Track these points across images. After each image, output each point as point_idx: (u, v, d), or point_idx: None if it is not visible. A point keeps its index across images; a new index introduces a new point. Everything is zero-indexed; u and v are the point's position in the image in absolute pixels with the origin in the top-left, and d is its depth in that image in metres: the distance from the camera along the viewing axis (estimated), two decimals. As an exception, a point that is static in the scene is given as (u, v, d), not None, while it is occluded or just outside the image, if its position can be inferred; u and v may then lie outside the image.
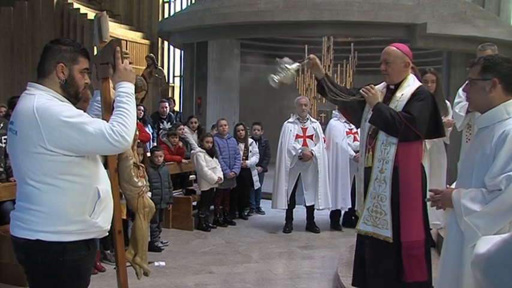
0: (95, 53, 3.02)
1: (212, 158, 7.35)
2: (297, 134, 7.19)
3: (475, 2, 11.36)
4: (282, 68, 3.91)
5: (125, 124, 2.45)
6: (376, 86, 4.05)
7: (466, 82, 2.75)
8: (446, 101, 5.92)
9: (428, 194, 2.87)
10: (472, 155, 2.66)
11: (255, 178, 8.12)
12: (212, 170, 7.26)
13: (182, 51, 14.09)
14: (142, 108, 8.81)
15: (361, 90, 3.96)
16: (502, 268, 1.40)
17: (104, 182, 2.60)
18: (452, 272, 2.62)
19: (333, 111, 7.83)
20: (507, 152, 2.44)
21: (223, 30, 10.66)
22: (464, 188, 2.62)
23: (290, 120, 7.34)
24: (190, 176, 8.42)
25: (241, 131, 8.17)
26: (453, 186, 2.84)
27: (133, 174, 4.71)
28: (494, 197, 2.45)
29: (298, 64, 3.95)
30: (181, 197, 7.46)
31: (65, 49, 2.54)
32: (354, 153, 7.19)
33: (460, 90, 5.66)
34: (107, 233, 2.66)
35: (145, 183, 5.00)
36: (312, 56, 4.07)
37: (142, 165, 5.10)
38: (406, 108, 3.82)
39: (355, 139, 7.28)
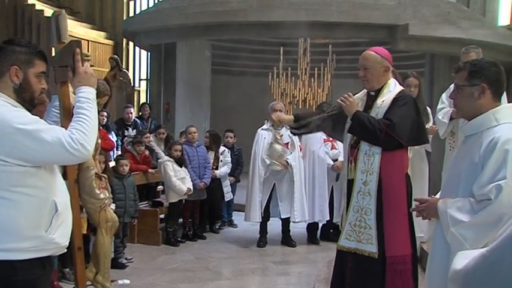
0: (53, 54, 2.96)
1: (181, 167, 7.30)
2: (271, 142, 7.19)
3: (459, 2, 11.53)
4: (272, 152, 4.35)
5: (85, 132, 2.41)
6: (356, 95, 4.08)
7: (451, 88, 2.78)
8: (427, 108, 6.00)
9: (414, 204, 2.89)
10: (459, 163, 2.69)
11: (226, 189, 8.10)
12: (181, 180, 7.21)
13: (149, 53, 14.00)
14: (105, 114, 8.71)
15: (338, 100, 3.99)
16: (480, 284, 1.40)
17: (61, 194, 2.54)
18: (439, 288, 2.63)
19: (310, 118, 7.85)
20: (497, 160, 2.47)
21: (193, 31, 10.63)
22: (451, 198, 2.64)
23: (264, 127, 7.33)
24: (158, 187, 8.35)
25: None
26: (438, 196, 2.86)
27: (95, 185, 4.65)
28: (483, 206, 2.47)
29: (281, 147, 4.29)
30: (147, 210, 7.38)
31: (19, 50, 2.49)
32: (332, 162, 7.22)
33: (444, 95, 5.73)
34: (65, 250, 2.60)
35: (107, 195, 4.95)
36: (274, 116, 4.42)
37: (105, 175, 5.05)
38: (386, 115, 3.85)
39: (332, 147, 7.31)
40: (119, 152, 8.73)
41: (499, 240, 1.41)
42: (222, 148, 8.15)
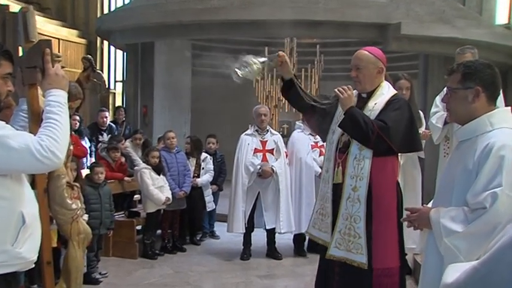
0: (20, 54, 2.94)
1: (159, 175, 7.28)
2: (255, 148, 7.19)
3: (454, 0, 11.63)
4: (248, 62, 3.95)
5: (55, 138, 2.40)
6: None
7: (444, 91, 2.81)
8: (420, 112, 6.05)
9: (405, 214, 2.91)
10: (452, 170, 2.71)
11: (208, 198, 8.09)
12: (159, 189, 7.19)
13: (125, 53, 13.97)
14: (77, 118, 8.67)
15: (335, 89, 3.99)
16: None
17: (30, 204, 2.52)
18: (432, 303, 2.64)
19: (296, 122, 7.86)
20: (492, 167, 2.49)
21: (172, 30, 10.62)
22: (444, 207, 2.66)
23: (248, 132, 7.34)
24: (134, 196, 8.31)
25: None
26: (430, 205, 2.88)
27: (66, 195, 4.63)
28: (478, 216, 2.49)
29: (265, 59, 3.99)
30: (123, 221, 7.34)
31: (-18, 50, 2.47)
32: (320, 170, 7.22)
33: (437, 98, 5.79)
34: (33, 265, 2.58)
35: (80, 205, 4.93)
36: (281, 53, 4.12)
37: (77, 184, 5.02)
38: (379, 118, 3.87)
39: (321, 153, 7.32)
40: (92, 159, 8.69)
41: (490, 252, 1.42)
42: (203, 155, 8.14)
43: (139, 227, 7.54)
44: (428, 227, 2.69)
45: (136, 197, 8.27)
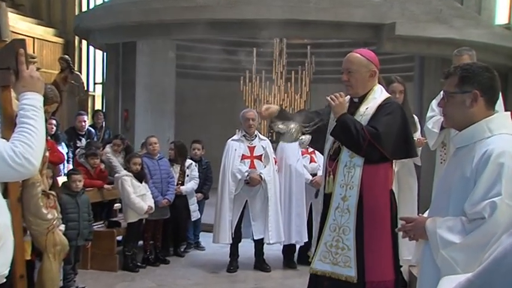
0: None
1: (141, 182, 7.26)
2: (242, 154, 7.19)
3: (452, -2, 11.70)
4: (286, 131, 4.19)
5: (30, 144, 2.38)
6: None
7: (441, 95, 2.82)
8: (414, 116, 6.08)
9: (399, 223, 2.91)
10: (449, 178, 2.71)
11: (193, 207, 8.07)
12: (141, 198, 7.16)
13: (104, 53, 13.92)
14: (54, 122, 8.62)
15: (327, 97, 4.02)
16: None
17: (1, 214, 2.50)
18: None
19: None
20: (490, 175, 2.50)
21: (155, 29, 10.61)
22: (440, 216, 2.66)
23: (235, 137, 7.34)
24: (115, 205, 8.28)
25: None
26: (426, 214, 2.88)
27: (42, 204, 4.59)
28: (477, 226, 2.49)
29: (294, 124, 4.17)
30: (102, 231, 7.31)
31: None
32: (311, 177, 7.25)
33: (434, 102, 5.82)
34: (5, 280, 2.55)
35: (56, 215, 4.89)
36: (263, 110, 4.25)
37: (53, 193, 4.99)
38: (371, 123, 3.89)
39: (311, 160, 7.34)
40: (70, 166, 8.64)
41: (485, 264, 1.43)
42: (188, 161, 8.13)
43: (119, 238, 7.52)
44: (424, 238, 2.69)
45: (117, 206, 8.24)
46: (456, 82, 2.70)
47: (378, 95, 4.06)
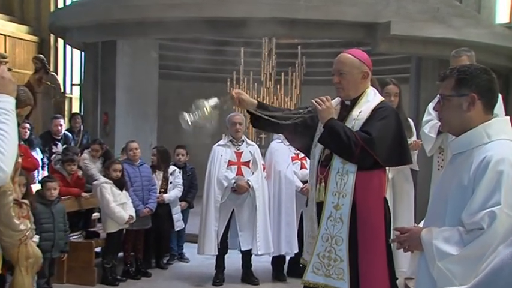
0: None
1: (121, 190, 7.24)
2: (229, 160, 7.19)
3: (450, -4, 11.75)
4: (198, 105, 4.00)
5: (1, 150, 2.37)
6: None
7: (437, 99, 2.82)
8: (409, 119, 6.11)
9: (393, 234, 2.92)
10: (446, 186, 2.72)
11: (177, 216, 8.06)
12: (121, 206, 7.15)
13: (82, 53, 13.88)
14: (27, 126, 8.58)
15: (312, 101, 4.02)
16: None
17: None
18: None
19: (276, 131, 7.89)
20: (489, 183, 2.51)
21: (136, 27, 10.58)
22: (437, 226, 2.67)
23: (221, 142, 7.34)
24: (93, 215, 8.25)
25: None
26: (422, 224, 2.89)
27: (14, 214, 4.56)
28: (475, 237, 2.50)
29: (216, 100, 4.02)
30: (80, 242, 7.28)
31: None
32: (301, 184, 7.25)
33: (430, 105, 5.85)
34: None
35: (29, 225, 4.86)
36: (234, 91, 4.20)
37: (26, 201, 4.96)
38: (364, 128, 3.90)
39: (302, 166, 7.35)
40: (45, 173, 8.60)
41: (482, 276, 1.44)
42: (171, 167, 8.13)
43: (98, 249, 7.51)
44: (420, 249, 2.70)
45: (95, 215, 8.21)
46: (453, 85, 2.71)
47: (371, 97, 4.07)
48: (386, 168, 4.20)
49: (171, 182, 8.03)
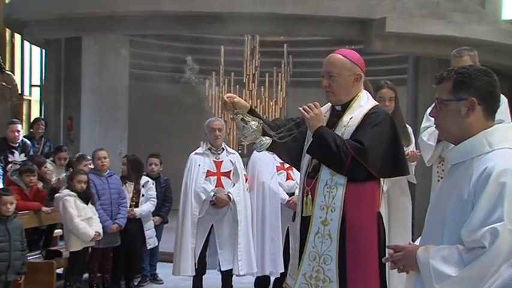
0: None
1: (87, 204, 7.21)
2: (208, 171, 7.18)
3: (451, -10, 11.83)
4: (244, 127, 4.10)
5: None
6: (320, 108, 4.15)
7: (433, 104, 2.84)
8: (408, 126, 6.12)
9: (387, 253, 2.93)
10: (443, 200, 2.73)
11: (149, 233, 8.02)
12: (86, 222, 7.12)
13: (43, 50, 13.83)
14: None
15: (300, 108, 4.04)
16: None
17: None
18: None
19: (259, 138, 7.89)
20: (491, 197, 2.50)
21: (105, 22, 10.58)
22: (434, 244, 2.68)
23: (199, 151, 7.33)
24: (55, 231, 8.21)
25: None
26: (418, 242, 2.90)
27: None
28: (476, 256, 2.49)
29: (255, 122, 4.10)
30: (39, 263, 7.26)
31: None
32: (287, 197, 7.25)
33: (429, 110, 5.88)
34: None
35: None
36: (226, 96, 4.23)
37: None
38: (355, 136, 3.92)
39: (288, 177, 7.35)
40: (0, 185, 8.53)
41: None
42: (144, 178, 8.10)
43: (60, 270, 7.47)
44: (416, 269, 2.70)
45: (57, 232, 8.18)
46: (450, 88, 2.72)
47: (364, 102, 4.08)
48: (381, 179, 4.22)
49: (143, 195, 8.00)
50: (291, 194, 7.29)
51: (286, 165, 7.26)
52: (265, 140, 4.09)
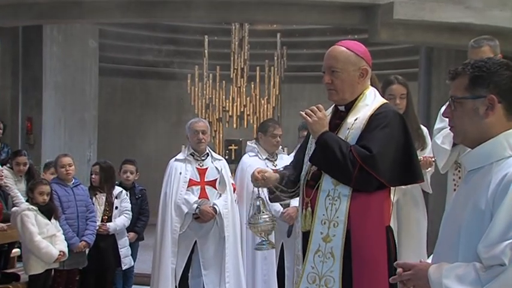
0: None
1: (49, 219, 7.19)
2: (190, 179, 7.19)
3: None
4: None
5: None
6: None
7: (447, 103, 2.85)
8: (422, 127, 6.13)
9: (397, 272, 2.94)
10: (459, 210, 2.74)
11: (124, 251, 7.98)
12: (49, 240, 7.10)
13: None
14: None
15: (301, 112, 4.06)
16: None
17: None
18: None
19: (248, 143, 7.88)
20: (511, 207, 2.50)
21: (70, 8, 10.57)
22: (447, 262, 2.70)
23: (179, 157, 7.34)
24: (12, 251, 8.19)
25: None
26: (429, 259, 2.92)
27: None
28: (494, 275, 2.48)
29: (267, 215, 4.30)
30: (-5, 287, 7.24)
31: None
32: (281, 208, 7.26)
33: (443, 109, 5.90)
34: None
35: None
36: (256, 172, 4.34)
37: None
38: (362, 141, 3.93)
39: (282, 185, 7.39)
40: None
41: None
42: (117, 189, 8.08)
43: (19, 296, 7.44)
44: (428, 291, 2.73)
45: (15, 251, 8.16)
46: (466, 84, 2.71)
47: (370, 101, 4.06)
48: (391, 188, 4.23)
49: (116, 207, 7.97)
50: (286, 206, 7.30)
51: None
52: (267, 245, 4.43)
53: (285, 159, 7.20)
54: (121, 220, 7.95)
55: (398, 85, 5.83)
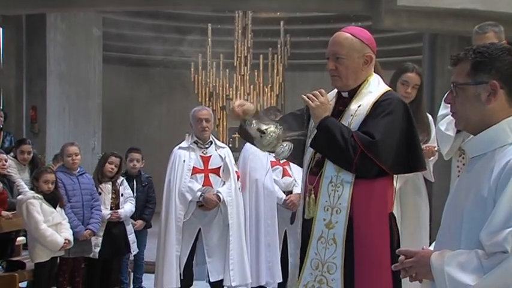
0: None
1: (55, 207, 7.20)
2: (194, 167, 7.19)
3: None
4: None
5: None
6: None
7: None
8: (429, 116, 6.10)
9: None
10: (461, 197, 2.73)
11: (132, 237, 7.98)
12: (55, 228, 7.11)
13: (1, 29, 13.77)
14: None
15: (303, 96, 4.05)
16: None
17: None
18: None
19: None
20: None
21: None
22: (449, 249, 2.69)
23: (183, 145, 7.33)
24: (17, 239, 8.22)
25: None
26: (432, 247, 2.91)
27: None
28: (497, 262, 2.48)
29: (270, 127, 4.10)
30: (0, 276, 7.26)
31: None
32: (284, 195, 7.26)
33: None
34: None
35: None
36: (235, 104, 4.22)
37: None
38: (364, 127, 3.92)
39: (284, 173, 7.36)
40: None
41: None
42: (120, 178, 8.09)
43: (24, 284, 7.47)
44: (430, 278, 2.71)
45: (20, 240, 8.19)
46: (468, 70, 2.69)
47: (374, 88, 4.06)
48: (394, 175, 4.23)
49: (122, 194, 7.99)
50: (288, 193, 7.30)
51: (283, 160, 7.27)
52: (286, 146, 4.12)
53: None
54: (129, 206, 7.97)
55: (415, 74, 5.77)
